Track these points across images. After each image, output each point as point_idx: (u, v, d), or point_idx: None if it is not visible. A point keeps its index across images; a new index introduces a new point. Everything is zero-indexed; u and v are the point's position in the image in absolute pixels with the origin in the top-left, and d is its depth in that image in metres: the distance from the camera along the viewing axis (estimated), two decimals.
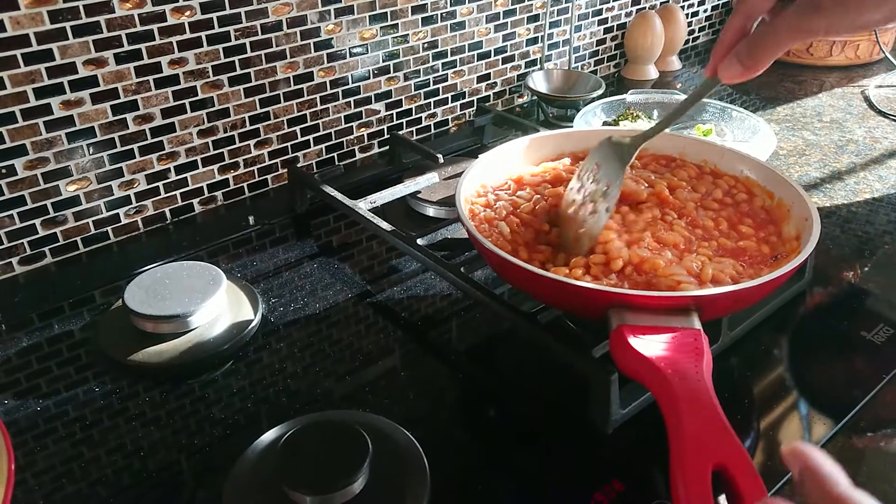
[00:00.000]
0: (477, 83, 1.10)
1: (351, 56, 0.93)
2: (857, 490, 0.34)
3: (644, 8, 1.29)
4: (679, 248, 0.58)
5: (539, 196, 0.66)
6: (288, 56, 0.87)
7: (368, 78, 0.96)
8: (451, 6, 1.00)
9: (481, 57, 1.08)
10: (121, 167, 0.79)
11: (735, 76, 0.50)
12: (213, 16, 0.79)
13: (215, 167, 0.87)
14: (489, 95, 1.12)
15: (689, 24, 1.40)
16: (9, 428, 0.52)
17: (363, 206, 0.78)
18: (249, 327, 0.66)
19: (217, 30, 0.80)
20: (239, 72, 0.84)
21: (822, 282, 0.72)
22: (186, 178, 0.85)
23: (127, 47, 0.75)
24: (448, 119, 1.09)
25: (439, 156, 0.87)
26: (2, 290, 0.74)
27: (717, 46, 0.51)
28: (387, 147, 1.00)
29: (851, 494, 0.34)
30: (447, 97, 1.07)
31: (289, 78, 0.88)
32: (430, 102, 1.05)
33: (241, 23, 0.82)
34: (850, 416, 0.57)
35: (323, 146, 0.96)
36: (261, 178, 0.91)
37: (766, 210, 0.65)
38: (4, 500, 0.46)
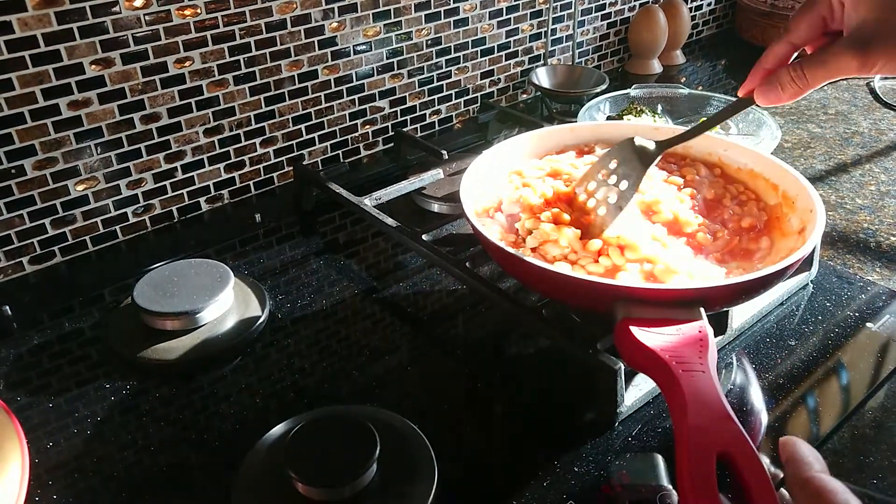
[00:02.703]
0: (480, 79, 1.10)
1: (355, 54, 0.93)
2: (829, 476, 0.35)
3: (647, 2, 1.29)
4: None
5: (541, 191, 0.66)
6: (292, 54, 0.87)
7: (372, 75, 0.96)
8: (453, 3, 1.00)
9: (485, 53, 1.08)
10: (128, 166, 0.80)
11: (772, 100, 0.52)
12: (218, 15, 0.80)
13: (221, 166, 0.87)
14: (493, 91, 1.12)
15: (693, 18, 1.39)
16: (21, 424, 0.53)
17: (368, 202, 0.78)
18: (257, 324, 0.67)
19: (222, 29, 0.81)
20: (244, 70, 0.84)
21: (828, 273, 0.72)
22: (193, 176, 0.86)
23: (133, 47, 0.75)
24: (452, 115, 1.09)
25: (444, 152, 0.87)
26: (12, 289, 0.75)
27: (756, 70, 0.53)
28: (391, 144, 1.00)
29: (820, 478, 0.35)
30: (451, 94, 1.07)
31: (293, 76, 0.89)
32: (434, 99, 1.05)
33: (246, 22, 0.82)
34: (857, 406, 0.57)
35: (328, 144, 0.96)
36: (267, 177, 0.92)
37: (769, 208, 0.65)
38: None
